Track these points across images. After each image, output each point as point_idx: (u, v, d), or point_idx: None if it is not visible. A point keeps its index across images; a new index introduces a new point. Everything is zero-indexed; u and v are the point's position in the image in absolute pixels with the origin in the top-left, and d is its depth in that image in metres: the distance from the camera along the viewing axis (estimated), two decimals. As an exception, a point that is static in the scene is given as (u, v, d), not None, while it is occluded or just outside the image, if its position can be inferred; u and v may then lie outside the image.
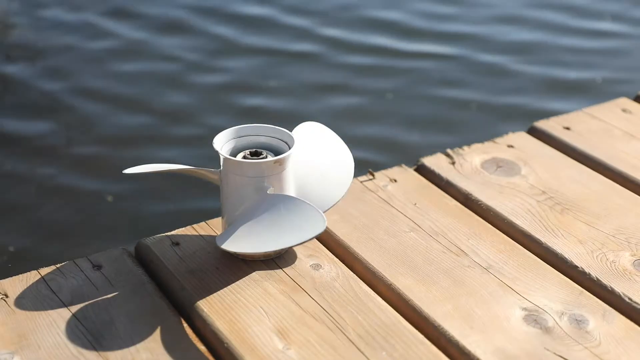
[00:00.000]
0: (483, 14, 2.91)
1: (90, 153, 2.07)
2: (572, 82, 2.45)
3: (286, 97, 2.36)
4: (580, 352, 0.79)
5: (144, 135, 2.15)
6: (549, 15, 2.89)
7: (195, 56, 2.57)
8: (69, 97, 2.31)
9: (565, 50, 2.64)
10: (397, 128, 2.20)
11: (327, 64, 2.55)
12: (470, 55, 2.59)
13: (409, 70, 2.49)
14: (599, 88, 2.41)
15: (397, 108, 2.31)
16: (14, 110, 2.25)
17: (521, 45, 2.68)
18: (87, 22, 2.74)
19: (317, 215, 0.84)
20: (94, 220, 1.82)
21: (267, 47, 2.64)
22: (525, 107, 2.30)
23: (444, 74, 2.49)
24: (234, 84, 2.42)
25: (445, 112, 2.29)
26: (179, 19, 2.80)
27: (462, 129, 2.19)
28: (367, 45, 2.66)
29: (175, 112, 2.27)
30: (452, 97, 2.36)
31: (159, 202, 1.88)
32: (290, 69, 2.52)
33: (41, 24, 2.72)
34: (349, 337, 0.80)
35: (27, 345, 0.78)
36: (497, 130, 1.80)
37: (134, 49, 2.60)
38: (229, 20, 2.79)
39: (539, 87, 2.42)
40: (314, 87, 2.42)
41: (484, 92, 2.39)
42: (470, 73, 2.50)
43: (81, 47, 2.59)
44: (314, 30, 2.74)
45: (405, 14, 2.86)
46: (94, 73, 2.46)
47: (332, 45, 2.64)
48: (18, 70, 2.44)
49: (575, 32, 2.76)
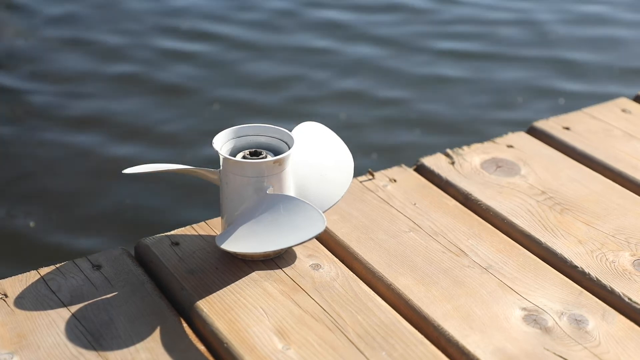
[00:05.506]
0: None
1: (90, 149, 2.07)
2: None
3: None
4: (580, 352, 0.79)
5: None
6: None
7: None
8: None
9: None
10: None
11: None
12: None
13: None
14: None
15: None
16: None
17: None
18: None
19: (316, 215, 0.84)
20: (94, 220, 1.82)
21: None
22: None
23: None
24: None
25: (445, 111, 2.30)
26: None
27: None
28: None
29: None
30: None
31: (159, 202, 1.88)
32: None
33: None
34: (348, 337, 0.80)
35: (26, 345, 0.78)
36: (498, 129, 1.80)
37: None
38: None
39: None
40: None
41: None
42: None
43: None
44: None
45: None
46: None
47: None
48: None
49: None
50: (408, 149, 2.07)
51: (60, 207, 1.85)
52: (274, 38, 2.70)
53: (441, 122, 2.25)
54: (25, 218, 1.80)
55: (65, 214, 1.83)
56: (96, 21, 2.78)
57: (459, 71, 2.53)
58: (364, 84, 2.45)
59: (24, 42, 2.59)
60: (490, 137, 1.17)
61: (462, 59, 2.61)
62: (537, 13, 2.94)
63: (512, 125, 1.53)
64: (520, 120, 2.09)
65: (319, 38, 2.71)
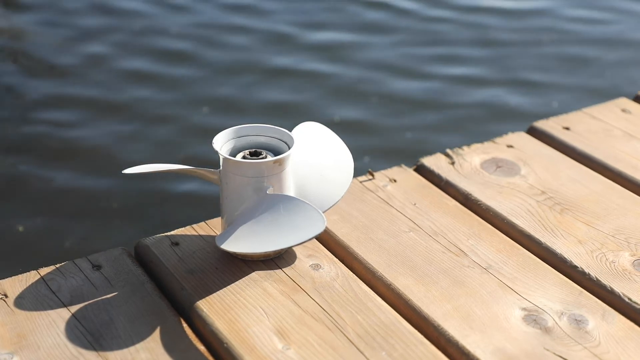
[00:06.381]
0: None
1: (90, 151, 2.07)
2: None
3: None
4: (580, 352, 0.79)
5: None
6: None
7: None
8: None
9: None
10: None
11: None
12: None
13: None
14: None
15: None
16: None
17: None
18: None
19: (316, 215, 0.84)
20: (94, 220, 1.82)
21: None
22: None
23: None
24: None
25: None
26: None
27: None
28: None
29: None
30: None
31: (158, 202, 1.88)
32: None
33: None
34: (348, 337, 0.80)
35: (26, 346, 0.78)
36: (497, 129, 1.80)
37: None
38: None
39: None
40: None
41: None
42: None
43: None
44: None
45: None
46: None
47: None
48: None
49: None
50: (408, 149, 2.07)
51: (61, 207, 1.85)
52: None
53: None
54: (20, 219, 1.80)
55: (65, 214, 1.83)
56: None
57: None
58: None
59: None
60: (490, 137, 1.17)
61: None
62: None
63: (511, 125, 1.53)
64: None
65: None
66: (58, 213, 1.83)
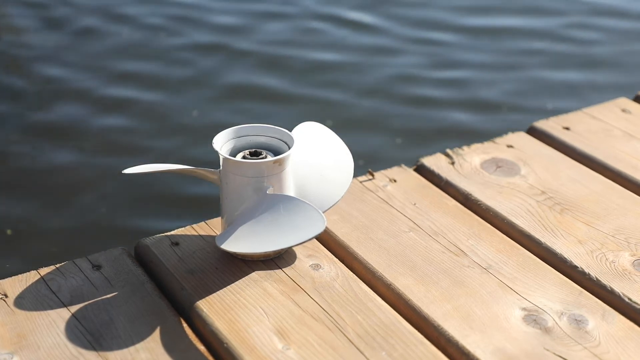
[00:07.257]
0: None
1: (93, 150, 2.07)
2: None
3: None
4: (580, 352, 0.79)
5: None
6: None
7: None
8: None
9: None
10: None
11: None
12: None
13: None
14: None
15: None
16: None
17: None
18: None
19: (316, 215, 0.84)
20: (94, 220, 1.82)
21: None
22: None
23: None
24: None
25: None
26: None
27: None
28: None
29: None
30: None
31: (159, 202, 1.88)
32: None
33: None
34: (348, 337, 0.80)
35: (26, 346, 0.78)
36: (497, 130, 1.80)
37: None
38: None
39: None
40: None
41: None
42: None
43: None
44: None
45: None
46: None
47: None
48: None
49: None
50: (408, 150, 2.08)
51: (60, 207, 1.85)
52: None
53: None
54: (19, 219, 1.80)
55: (64, 214, 1.83)
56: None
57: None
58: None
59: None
60: (490, 137, 1.17)
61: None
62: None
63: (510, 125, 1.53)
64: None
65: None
66: (57, 213, 1.83)
